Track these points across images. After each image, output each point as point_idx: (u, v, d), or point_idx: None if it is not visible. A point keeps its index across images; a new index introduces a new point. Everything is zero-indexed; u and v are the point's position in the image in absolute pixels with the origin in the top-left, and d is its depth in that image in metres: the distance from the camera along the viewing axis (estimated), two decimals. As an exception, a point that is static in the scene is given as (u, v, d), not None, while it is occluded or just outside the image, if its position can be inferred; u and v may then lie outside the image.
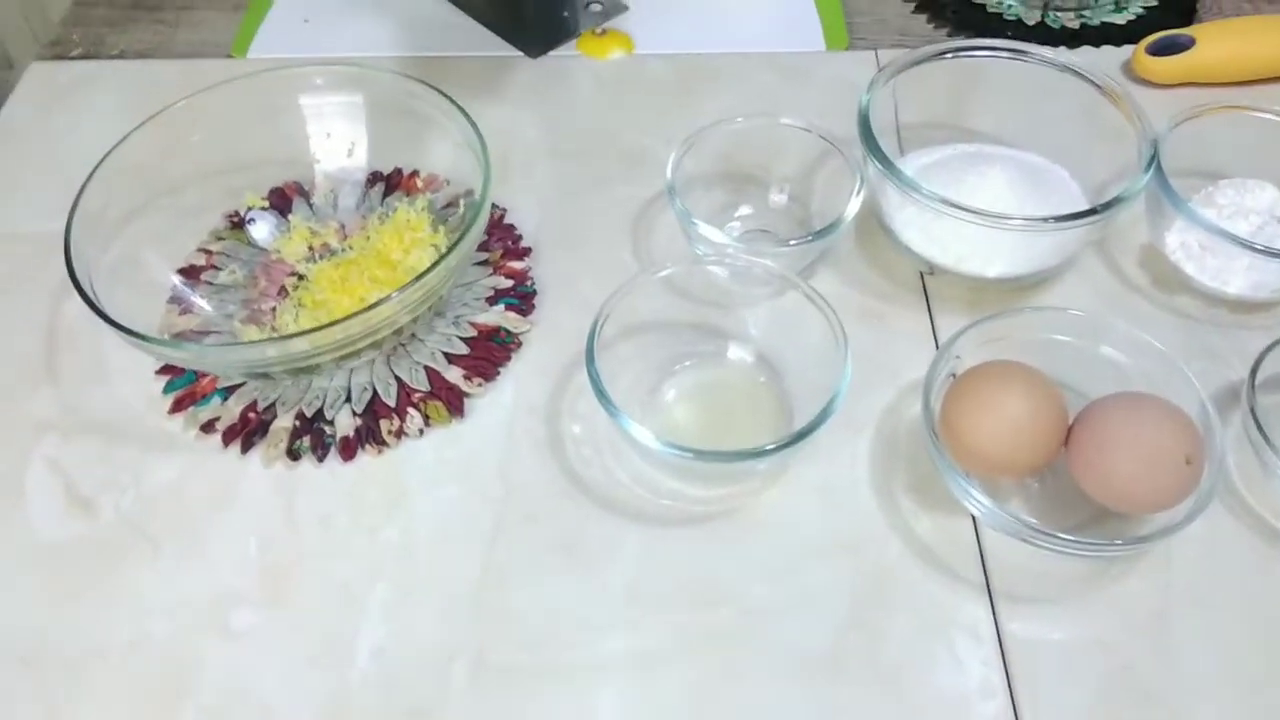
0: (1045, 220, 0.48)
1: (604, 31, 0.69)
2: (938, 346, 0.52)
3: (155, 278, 0.52)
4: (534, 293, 0.54)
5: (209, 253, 0.55)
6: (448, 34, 0.70)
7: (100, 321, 0.44)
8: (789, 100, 0.65)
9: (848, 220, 0.51)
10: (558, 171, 0.61)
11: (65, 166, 0.61)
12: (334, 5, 0.72)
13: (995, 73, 0.57)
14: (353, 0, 0.73)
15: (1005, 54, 0.57)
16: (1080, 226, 0.48)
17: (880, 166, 0.51)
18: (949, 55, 0.57)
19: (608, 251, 0.57)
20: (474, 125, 0.50)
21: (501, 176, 0.60)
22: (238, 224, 0.56)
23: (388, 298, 0.43)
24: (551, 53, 0.69)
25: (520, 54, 0.69)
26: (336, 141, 0.57)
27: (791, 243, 0.51)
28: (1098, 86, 0.55)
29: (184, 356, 0.45)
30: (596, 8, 0.71)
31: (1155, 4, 0.71)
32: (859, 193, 0.51)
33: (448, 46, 0.69)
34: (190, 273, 0.53)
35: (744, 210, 0.58)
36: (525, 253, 0.56)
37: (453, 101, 0.52)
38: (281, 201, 0.57)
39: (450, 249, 0.45)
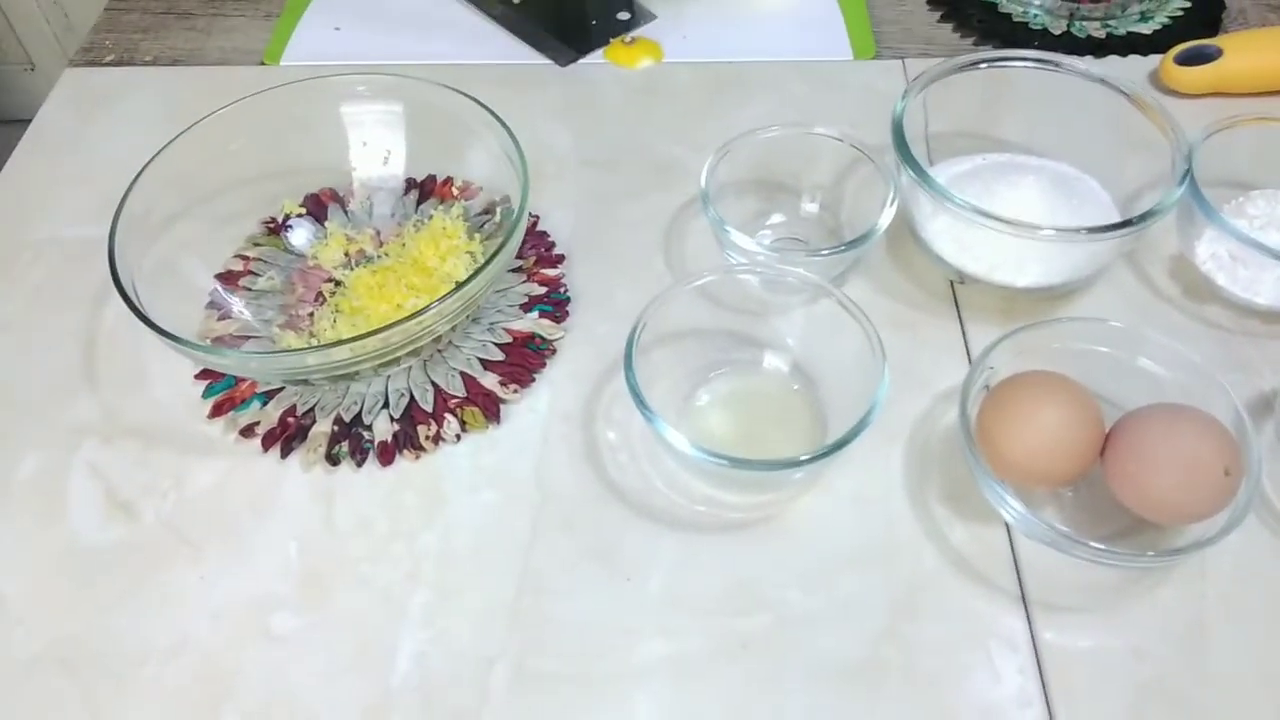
0: (1078, 231, 0.48)
1: (633, 40, 0.70)
2: (969, 355, 0.52)
3: (194, 283, 0.53)
4: (568, 299, 0.55)
5: (246, 259, 0.55)
6: (477, 42, 0.71)
7: (140, 326, 0.44)
8: (818, 109, 0.66)
9: (880, 230, 0.51)
10: (590, 180, 0.62)
11: (100, 173, 0.63)
12: (365, 13, 0.73)
13: (1025, 82, 0.57)
14: (383, 8, 0.73)
15: (1035, 64, 0.57)
16: (1113, 238, 0.49)
17: (914, 175, 0.51)
18: (981, 65, 0.57)
19: (640, 259, 0.57)
20: (512, 135, 0.51)
21: (534, 184, 0.60)
22: (275, 230, 0.57)
23: (428, 308, 0.44)
24: (581, 61, 0.70)
25: (550, 62, 0.69)
26: (373, 149, 0.58)
27: (824, 252, 0.51)
28: (1128, 96, 0.55)
29: (227, 363, 0.46)
30: (624, 16, 0.72)
31: (1181, 14, 0.71)
32: (892, 203, 0.52)
33: (477, 54, 0.70)
34: (228, 279, 0.54)
35: (776, 218, 0.58)
36: (559, 260, 0.56)
37: (490, 111, 0.52)
38: (318, 208, 0.58)
39: (489, 259, 0.46)
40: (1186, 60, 0.64)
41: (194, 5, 0.76)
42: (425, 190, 0.58)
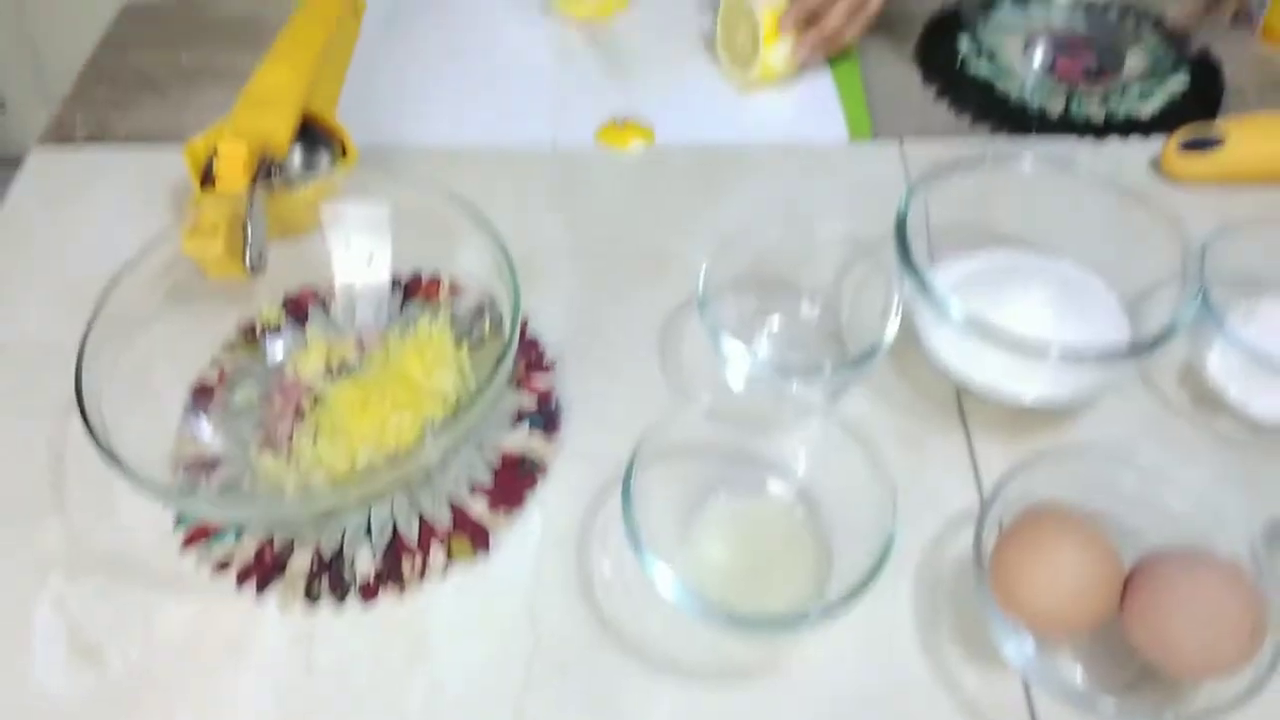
0: (1086, 355, 0.47)
1: (624, 122, 0.68)
2: (977, 472, 0.50)
3: (168, 395, 0.50)
4: (559, 412, 0.52)
5: (222, 370, 0.53)
6: (464, 125, 0.69)
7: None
8: (815, 195, 0.64)
9: (885, 346, 0.49)
10: (581, 274, 0.60)
11: (72, 267, 0.60)
12: (350, 92, 0.70)
13: (1028, 174, 0.56)
14: (368, 89, 0.71)
15: (1039, 159, 0.55)
16: (1124, 362, 0.47)
17: (917, 287, 0.49)
18: (985, 161, 0.55)
19: (635, 366, 0.55)
20: (504, 250, 0.49)
21: (524, 280, 0.58)
22: (253, 337, 0.54)
23: (419, 447, 0.41)
24: (570, 143, 0.67)
25: (540, 143, 0.67)
26: (356, 249, 0.55)
27: (826, 373, 0.49)
28: (1133, 195, 0.53)
29: (198, 509, 0.43)
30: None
31: (1180, 93, 0.70)
32: (896, 314, 0.50)
33: (465, 137, 0.68)
34: (203, 394, 0.51)
35: (774, 320, 0.56)
36: (549, 366, 0.54)
37: (478, 215, 0.50)
38: (297, 311, 0.55)
39: (480, 391, 0.43)
40: (1190, 147, 0.63)
41: (166, 76, 0.74)
42: (410, 290, 0.56)
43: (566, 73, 0.72)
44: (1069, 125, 0.68)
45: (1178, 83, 0.71)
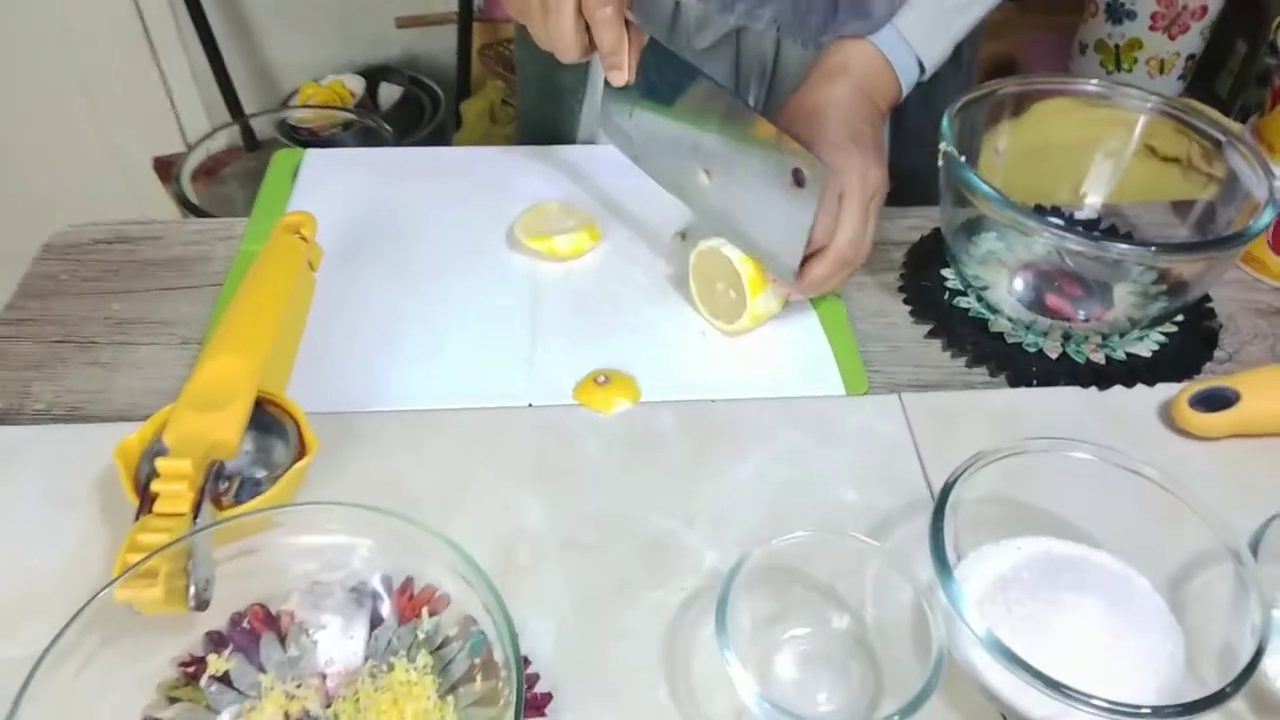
0: (1151, 712, 0.42)
1: (606, 380, 0.63)
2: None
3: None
4: (561, 765, 0.45)
5: (158, 724, 0.45)
6: (433, 380, 0.63)
7: None
8: (819, 460, 0.59)
9: (934, 688, 0.44)
10: (572, 572, 0.53)
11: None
12: (311, 359, 0.64)
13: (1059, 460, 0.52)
14: (321, 347, 0.65)
15: (1064, 449, 0.52)
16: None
17: (962, 620, 0.44)
18: (1004, 457, 0.51)
19: (640, 690, 0.49)
20: (495, 593, 0.43)
21: (508, 578, 0.52)
22: (193, 674, 0.46)
23: None
24: (546, 397, 0.62)
25: (518, 404, 0.62)
26: (314, 560, 0.48)
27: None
28: (1159, 485, 0.50)
29: None
30: None
31: (1175, 330, 0.69)
32: (939, 662, 0.44)
33: (433, 394, 0.62)
34: (135, 763, 0.43)
35: (797, 632, 0.50)
36: (545, 702, 0.47)
37: (470, 561, 0.44)
38: (246, 639, 0.48)
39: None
40: (1202, 404, 0.61)
41: (97, 331, 0.67)
42: (379, 610, 0.49)
43: (539, 319, 0.67)
44: (1071, 371, 0.65)
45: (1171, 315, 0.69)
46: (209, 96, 1.74)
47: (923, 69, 0.71)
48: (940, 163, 0.64)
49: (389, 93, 1.73)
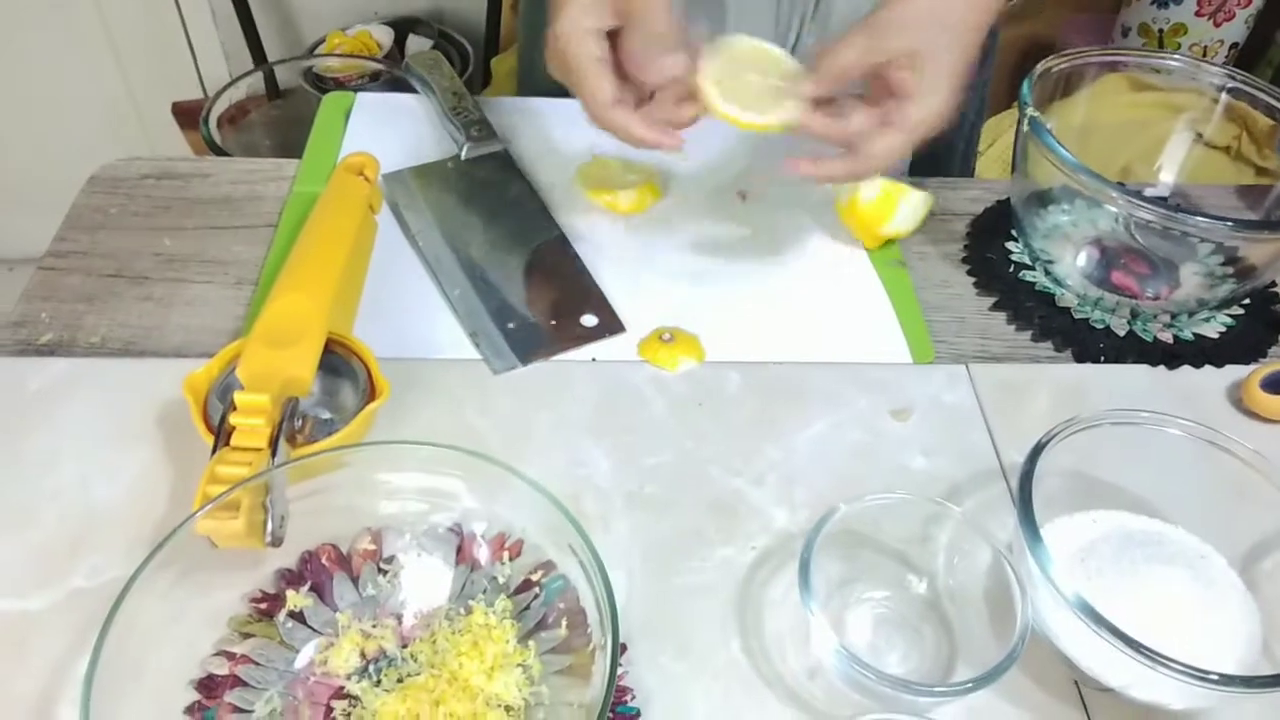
0: (1236, 681, 0.42)
1: (670, 338, 0.62)
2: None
3: (168, 695, 0.42)
4: (637, 714, 0.45)
5: (233, 657, 0.44)
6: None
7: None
8: (889, 429, 0.59)
9: (1016, 658, 0.43)
10: (641, 526, 0.53)
11: (35, 517, 0.51)
12: (374, 303, 0.62)
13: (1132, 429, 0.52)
14: (385, 294, 0.63)
15: (1147, 421, 0.51)
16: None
17: (1051, 585, 0.44)
18: (1099, 423, 0.51)
19: (715, 646, 0.48)
20: (583, 533, 0.42)
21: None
22: (266, 610, 0.46)
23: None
24: (613, 358, 0.61)
25: (583, 359, 0.61)
26: (387, 499, 0.48)
27: (941, 690, 0.44)
28: (1243, 460, 0.50)
29: None
30: (590, 321, 0.63)
31: (1241, 313, 0.68)
32: (1023, 632, 0.44)
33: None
34: (210, 690, 0.43)
35: (869, 593, 0.50)
36: (620, 651, 0.47)
37: (556, 502, 0.43)
38: (318, 574, 0.47)
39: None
40: (1272, 384, 0.60)
41: (149, 267, 0.65)
42: (459, 552, 0.48)
43: (600, 273, 0.66)
44: (1139, 349, 0.65)
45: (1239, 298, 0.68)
46: (231, 43, 1.72)
47: None
48: (1024, 127, 0.63)
49: (417, 44, 1.70)
